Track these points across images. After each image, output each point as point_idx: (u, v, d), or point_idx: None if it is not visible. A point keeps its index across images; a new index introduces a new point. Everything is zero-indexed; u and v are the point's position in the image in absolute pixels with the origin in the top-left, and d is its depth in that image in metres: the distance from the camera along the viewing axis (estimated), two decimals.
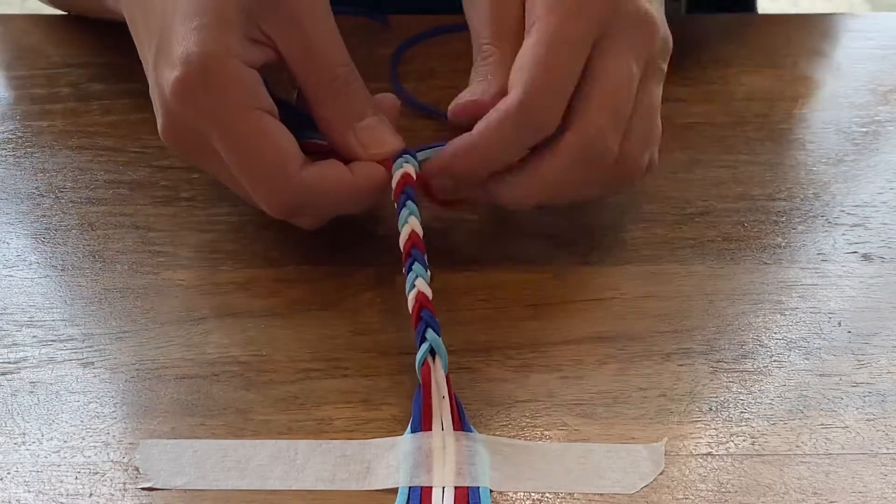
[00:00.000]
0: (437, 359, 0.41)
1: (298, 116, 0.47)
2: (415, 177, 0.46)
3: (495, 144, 0.45)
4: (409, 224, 0.44)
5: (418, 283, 0.43)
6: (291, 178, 0.44)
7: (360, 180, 0.45)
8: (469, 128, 0.45)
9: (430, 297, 0.42)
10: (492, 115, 0.45)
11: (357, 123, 0.46)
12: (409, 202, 0.45)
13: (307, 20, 0.45)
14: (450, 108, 0.47)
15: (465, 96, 0.47)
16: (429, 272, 0.43)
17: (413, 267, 0.43)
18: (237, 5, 0.44)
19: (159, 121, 0.46)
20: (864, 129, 0.58)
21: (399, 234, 0.44)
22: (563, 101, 0.45)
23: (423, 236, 0.44)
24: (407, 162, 0.46)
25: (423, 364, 0.41)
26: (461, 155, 0.45)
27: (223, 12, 0.44)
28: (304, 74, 0.45)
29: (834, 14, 0.70)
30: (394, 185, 0.45)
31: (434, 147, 0.47)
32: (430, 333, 0.41)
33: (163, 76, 0.44)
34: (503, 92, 0.45)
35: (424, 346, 0.41)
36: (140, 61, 0.48)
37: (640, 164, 0.47)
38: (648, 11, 0.46)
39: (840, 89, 0.61)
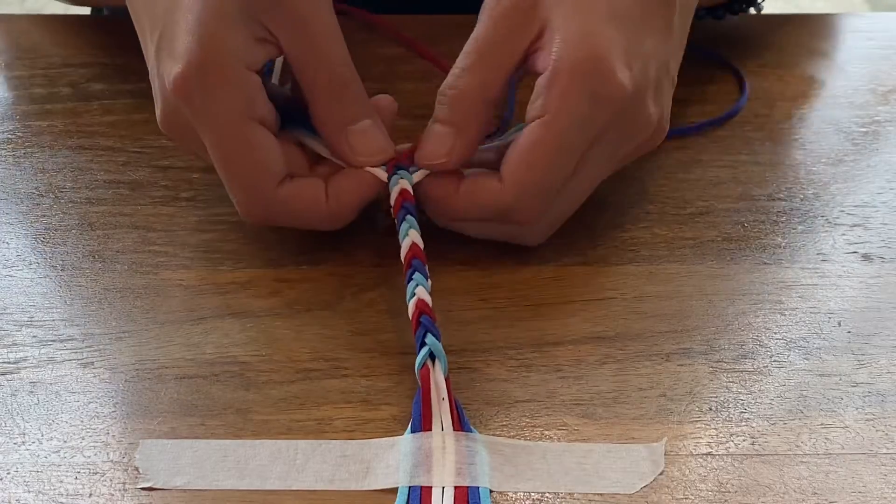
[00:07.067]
0: (437, 362, 0.41)
1: (298, 109, 0.47)
2: (411, 191, 0.46)
3: (473, 216, 0.47)
4: (410, 237, 0.45)
5: (418, 292, 0.43)
6: (265, 194, 0.45)
7: (333, 205, 0.46)
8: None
9: (430, 304, 0.43)
10: (476, 196, 0.46)
11: (351, 126, 0.46)
12: (409, 216, 0.46)
13: (311, 18, 0.45)
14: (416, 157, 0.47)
15: (426, 153, 0.46)
16: (429, 281, 0.44)
17: (414, 276, 0.44)
18: (237, 2, 0.44)
19: (158, 109, 0.46)
20: (864, 129, 0.58)
21: (400, 244, 0.45)
22: (549, 204, 0.46)
23: (424, 247, 0.45)
24: (402, 178, 0.46)
25: (422, 367, 0.41)
26: (439, 204, 0.47)
27: (225, 9, 0.44)
28: (301, 72, 0.45)
29: (834, 14, 0.70)
30: (392, 201, 0.46)
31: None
32: (429, 338, 0.41)
33: (165, 67, 0.44)
34: (452, 152, 0.46)
35: (424, 350, 0.41)
36: (142, 59, 0.48)
37: (543, 232, 0.48)
38: (650, 117, 0.46)
39: (840, 89, 0.61)
